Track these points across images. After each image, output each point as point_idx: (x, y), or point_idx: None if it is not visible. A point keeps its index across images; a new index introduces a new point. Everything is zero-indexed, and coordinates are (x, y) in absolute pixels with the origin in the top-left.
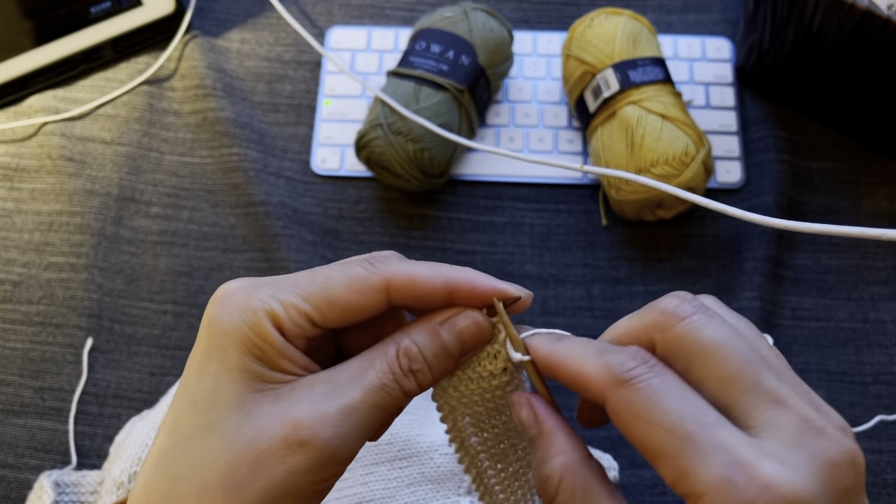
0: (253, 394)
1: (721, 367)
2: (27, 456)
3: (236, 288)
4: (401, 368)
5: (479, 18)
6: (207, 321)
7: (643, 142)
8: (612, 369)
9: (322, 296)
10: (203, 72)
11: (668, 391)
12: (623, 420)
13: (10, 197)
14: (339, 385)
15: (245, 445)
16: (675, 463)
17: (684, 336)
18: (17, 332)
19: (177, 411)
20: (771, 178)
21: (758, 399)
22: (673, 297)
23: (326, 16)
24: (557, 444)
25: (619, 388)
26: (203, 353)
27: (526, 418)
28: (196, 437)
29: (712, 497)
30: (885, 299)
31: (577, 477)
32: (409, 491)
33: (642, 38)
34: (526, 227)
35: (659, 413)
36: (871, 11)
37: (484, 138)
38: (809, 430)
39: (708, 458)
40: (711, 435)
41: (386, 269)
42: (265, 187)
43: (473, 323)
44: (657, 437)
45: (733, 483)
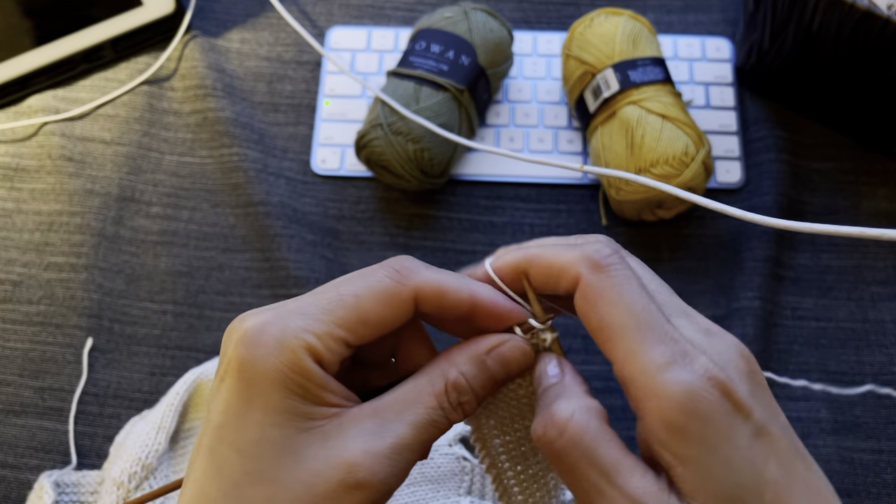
0: (301, 435)
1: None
2: (27, 456)
3: (264, 324)
4: (450, 403)
5: (479, 18)
6: (238, 364)
7: (643, 142)
8: (590, 256)
9: (356, 317)
10: (203, 72)
11: (633, 283)
12: (591, 302)
13: (10, 197)
14: (387, 421)
15: (301, 491)
16: (630, 344)
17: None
18: (17, 332)
19: (218, 458)
20: (771, 178)
21: (673, 308)
22: (596, 241)
23: (326, 16)
24: (574, 388)
25: (594, 273)
26: (241, 398)
27: (552, 369)
28: (247, 485)
29: (661, 376)
30: (885, 299)
31: (593, 419)
32: (409, 491)
33: (642, 38)
34: (526, 227)
35: (626, 299)
36: (871, 11)
37: (484, 138)
38: (713, 335)
39: (661, 344)
40: (666, 327)
41: (414, 279)
42: (265, 187)
43: (521, 354)
44: (620, 318)
45: (679, 366)
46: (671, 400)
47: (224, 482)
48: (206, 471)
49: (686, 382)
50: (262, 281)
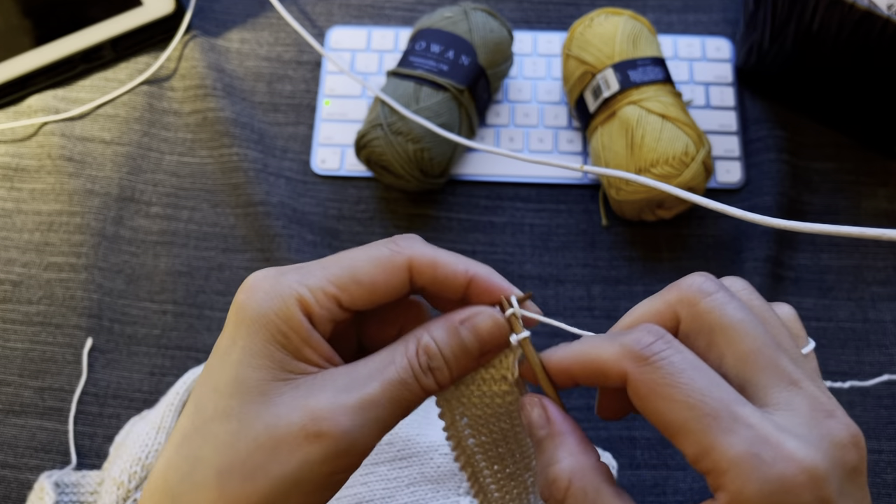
0: (274, 382)
1: (742, 344)
2: (27, 456)
3: (264, 276)
4: (420, 365)
5: (479, 18)
6: (235, 308)
7: (643, 142)
8: (630, 348)
9: (349, 276)
10: (203, 72)
11: (690, 367)
12: (644, 398)
13: (10, 197)
14: (359, 378)
15: (263, 431)
16: (698, 439)
17: (710, 311)
18: (17, 332)
19: (199, 395)
20: (771, 178)
21: (774, 378)
22: (698, 275)
23: (326, 16)
24: (567, 445)
25: (639, 366)
26: (228, 339)
27: (536, 419)
28: (216, 420)
29: (738, 471)
30: (885, 299)
31: (588, 480)
32: (409, 491)
33: (642, 38)
34: (526, 227)
35: (682, 389)
36: (871, 11)
37: (484, 138)
38: (821, 412)
39: (732, 433)
40: (735, 411)
41: (409, 249)
42: (265, 187)
43: (493, 322)
44: (680, 413)
45: (759, 457)
46: (751, 496)
47: (197, 417)
48: (188, 409)
49: (771, 478)
50: None
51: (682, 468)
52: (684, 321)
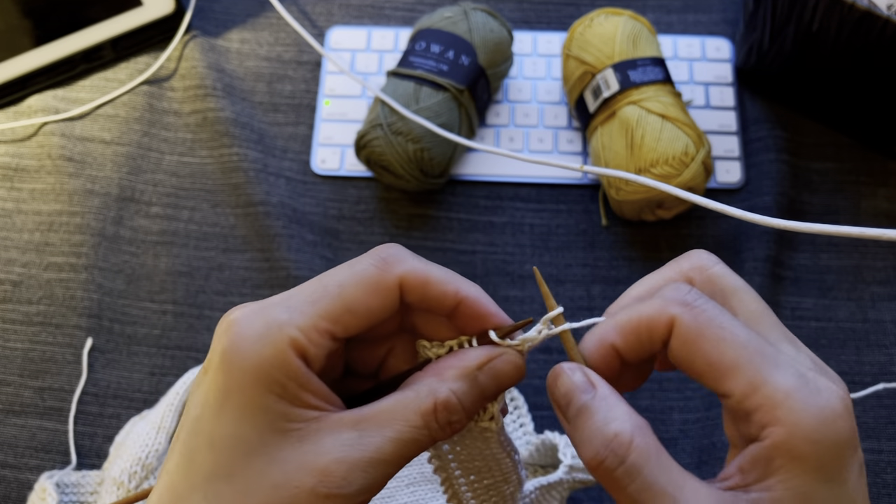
0: (276, 435)
1: (752, 304)
2: (27, 456)
3: (248, 317)
4: (438, 423)
5: (479, 18)
6: (221, 355)
7: (643, 142)
8: (673, 297)
9: (341, 307)
10: (203, 72)
11: (727, 316)
12: (692, 342)
13: (10, 197)
14: (367, 433)
15: (270, 492)
16: (749, 375)
17: (722, 276)
18: (17, 332)
19: (191, 451)
20: (771, 178)
21: (781, 335)
22: (698, 252)
23: (326, 16)
24: (621, 406)
25: (687, 310)
26: (219, 390)
27: (580, 382)
28: (217, 480)
29: (792, 402)
30: (885, 299)
31: (650, 439)
32: (409, 491)
33: (642, 38)
34: (526, 227)
35: (730, 331)
36: (871, 11)
37: (484, 138)
38: (819, 364)
39: (781, 368)
40: (777, 351)
41: (399, 266)
42: (265, 187)
43: (514, 368)
44: (730, 352)
45: (808, 389)
46: (805, 426)
47: (194, 476)
48: (178, 463)
49: (823, 407)
50: (262, 281)
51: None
52: (698, 284)
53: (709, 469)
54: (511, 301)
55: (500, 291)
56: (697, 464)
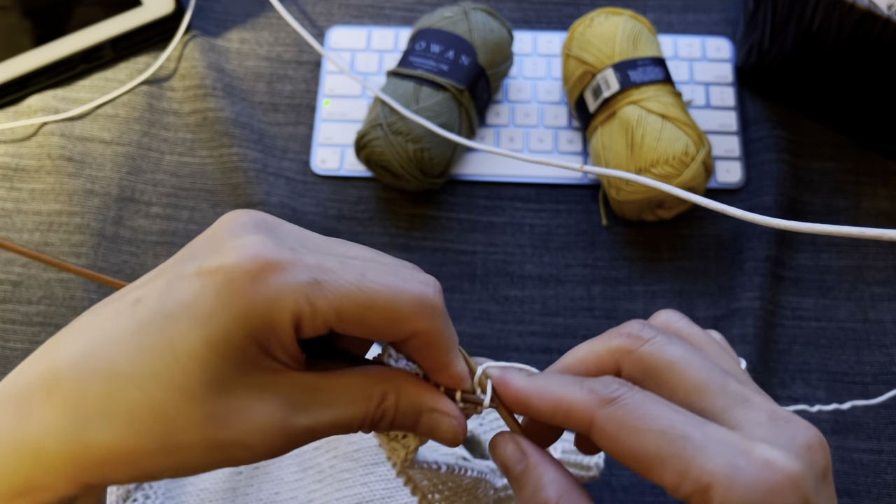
0: (238, 373)
1: (689, 377)
2: None
3: (276, 262)
4: (372, 419)
5: (479, 18)
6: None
7: (643, 142)
8: (597, 391)
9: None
10: (203, 72)
11: (653, 402)
12: (613, 436)
13: (9, 197)
14: (316, 402)
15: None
16: (674, 463)
17: (651, 355)
18: (17, 332)
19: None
20: (771, 178)
21: (728, 400)
22: (634, 322)
23: (326, 16)
24: (549, 473)
25: (606, 407)
26: (206, 306)
27: (512, 454)
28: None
29: (720, 483)
30: (885, 299)
31: (575, 501)
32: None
33: (642, 38)
34: (526, 227)
35: (650, 420)
36: (871, 11)
37: (484, 138)
38: (779, 420)
39: (707, 449)
40: (704, 430)
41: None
42: (265, 187)
43: (452, 435)
44: (652, 442)
45: (737, 467)
46: None
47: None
48: (128, 327)
49: (755, 485)
50: None
51: None
52: (625, 368)
53: None
54: (511, 301)
55: (500, 291)
56: None
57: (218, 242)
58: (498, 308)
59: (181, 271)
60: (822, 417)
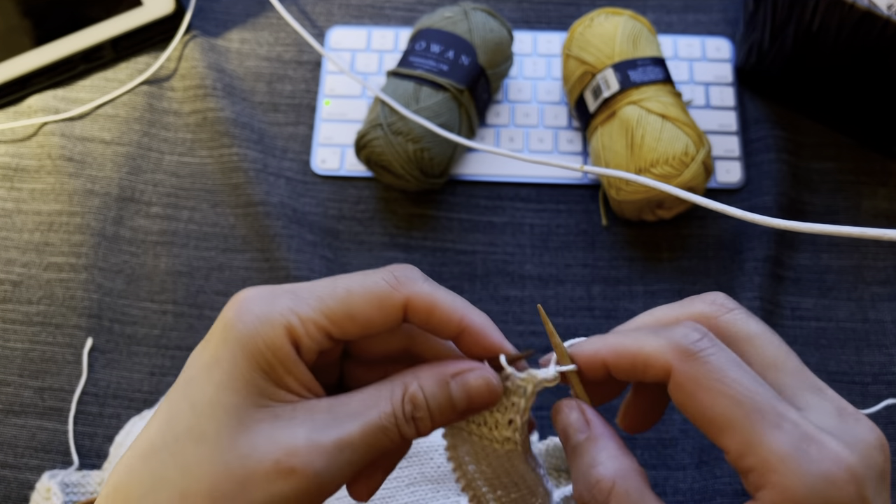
0: (253, 409)
1: (768, 352)
2: (27, 456)
3: (257, 296)
4: (403, 414)
5: (479, 18)
6: (223, 325)
7: (643, 142)
8: (678, 342)
9: (343, 311)
10: (203, 72)
11: (735, 366)
12: (690, 393)
13: (10, 197)
14: (339, 417)
15: (236, 461)
16: (744, 435)
17: (734, 323)
18: (17, 332)
19: (173, 409)
20: (771, 178)
21: (802, 383)
22: (715, 294)
23: (326, 16)
24: (609, 448)
25: (686, 361)
26: (212, 356)
27: (575, 422)
28: (188, 440)
29: (786, 467)
30: (885, 299)
31: (631, 483)
32: (409, 491)
33: (642, 38)
34: (526, 227)
35: (729, 385)
36: (871, 11)
37: (484, 138)
38: (848, 416)
39: (779, 429)
40: (779, 408)
41: (408, 287)
42: (265, 187)
43: (485, 385)
44: (727, 409)
45: (807, 454)
46: (798, 491)
47: (169, 433)
48: (160, 419)
49: (817, 474)
50: (262, 281)
51: (681, 468)
52: (712, 329)
53: (708, 469)
54: (511, 301)
55: (500, 291)
56: (697, 464)
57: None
58: (498, 308)
59: (197, 349)
60: None
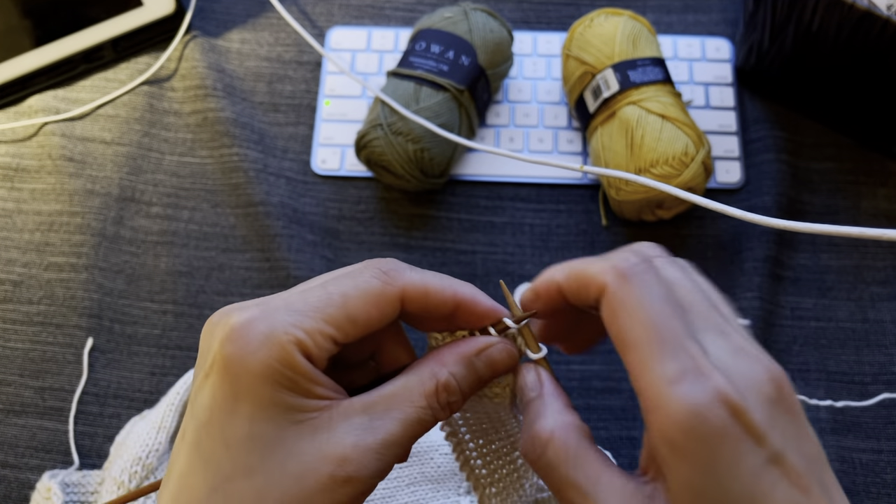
0: (291, 428)
1: (681, 294)
2: (27, 456)
3: (252, 320)
4: (439, 402)
5: (479, 18)
6: (225, 360)
7: (643, 142)
8: (616, 265)
9: (344, 316)
10: (203, 72)
11: (654, 293)
12: (613, 311)
13: (10, 197)
14: (377, 417)
15: (293, 484)
16: (641, 355)
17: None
18: (17, 332)
19: (207, 454)
20: (771, 178)
21: (707, 323)
22: (641, 244)
23: (326, 16)
24: (553, 405)
25: (618, 281)
26: (229, 394)
27: (530, 381)
28: (237, 479)
29: (664, 399)
30: (885, 299)
31: (569, 436)
32: (409, 491)
33: (642, 39)
34: (526, 227)
35: (646, 308)
36: (871, 11)
37: (484, 138)
38: (743, 354)
39: (673, 359)
40: (683, 341)
41: (400, 280)
42: (265, 187)
43: (508, 356)
44: (636, 330)
45: (684, 385)
46: (674, 416)
47: (212, 476)
48: (192, 465)
49: (692, 400)
50: (262, 281)
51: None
52: None
53: None
54: None
55: (501, 291)
56: None
57: (206, 347)
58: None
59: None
60: (821, 417)
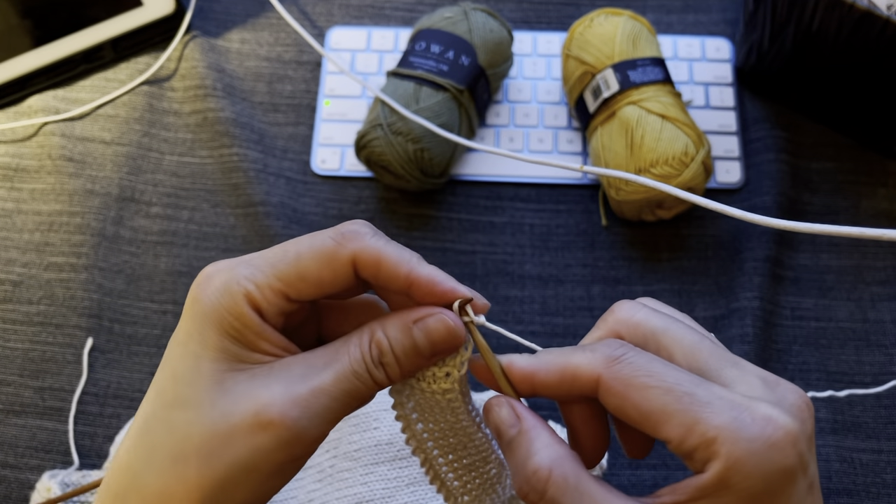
0: (231, 372)
1: (685, 340)
2: (27, 456)
3: (216, 270)
4: (371, 357)
5: (479, 18)
6: (190, 301)
7: (643, 142)
8: (602, 352)
9: (295, 273)
10: (203, 72)
11: (657, 361)
12: (620, 393)
13: (10, 197)
14: (313, 367)
15: (219, 419)
16: (681, 418)
17: (645, 322)
18: (17, 332)
19: (159, 383)
20: (771, 178)
21: (722, 362)
22: (622, 302)
23: (326, 16)
24: (542, 438)
25: (612, 366)
26: (185, 332)
27: (506, 417)
28: (175, 408)
29: (725, 437)
30: (885, 299)
31: (567, 468)
32: (409, 491)
33: (642, 39)
34: (526, 227)
35: (656, 377)
36: (871, 11)
37: (484, 138)
38: (770, 382)
39: (711, 405)
40: (707, 388)
41: (354, 244)
42: (265, 187)
43: (444, 328)
44: (659, 399)
45: (741, 421)
46: (746, 459)
47: (159, 405)
48: (150, 396)
49: (759, 439)
50: None
51: (682, 468)
52: (627, 336)
53: None
54: (511, 301)
55: (500, 291)
56: None
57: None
58: (498, 308)
59: (176, 329)
60: (821, 417)
